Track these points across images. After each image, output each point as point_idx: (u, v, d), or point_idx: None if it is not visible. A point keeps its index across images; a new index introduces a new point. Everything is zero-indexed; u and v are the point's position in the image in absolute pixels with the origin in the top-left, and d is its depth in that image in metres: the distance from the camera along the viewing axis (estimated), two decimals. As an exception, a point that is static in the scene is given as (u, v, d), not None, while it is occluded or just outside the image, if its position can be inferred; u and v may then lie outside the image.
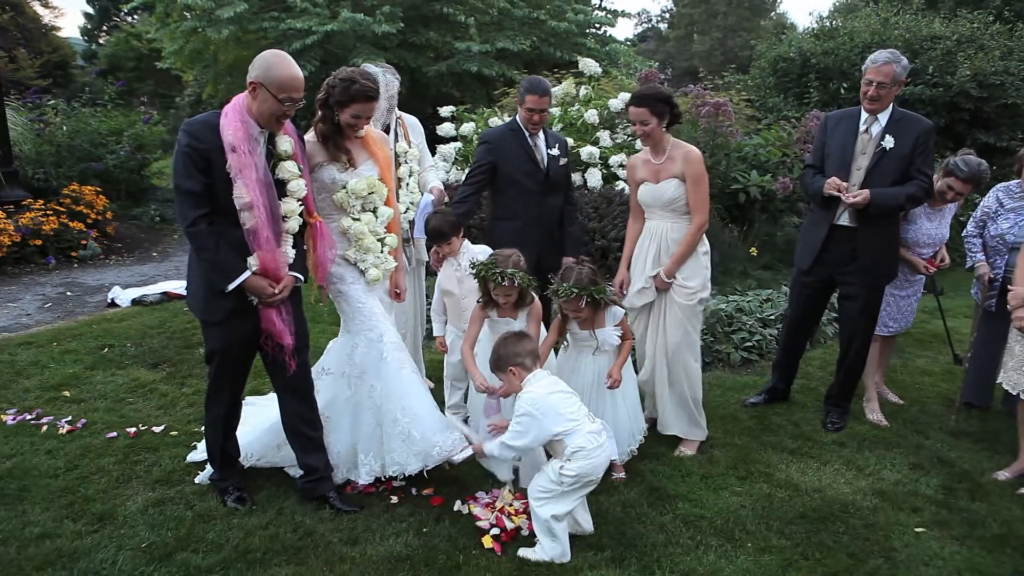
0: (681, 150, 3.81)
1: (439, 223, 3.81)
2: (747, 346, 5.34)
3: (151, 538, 2.96)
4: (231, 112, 2.94)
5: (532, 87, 4.07)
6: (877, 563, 2.95)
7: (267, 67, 2.92)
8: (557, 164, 4.23)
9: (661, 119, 3.72)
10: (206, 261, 2.97)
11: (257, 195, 2.91)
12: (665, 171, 3.80)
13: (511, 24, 12.68)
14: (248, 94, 2.97)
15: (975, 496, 3.50)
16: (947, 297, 6.06)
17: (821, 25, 11.75)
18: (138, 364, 4.98)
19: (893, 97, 3.88)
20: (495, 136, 4.27)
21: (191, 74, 15.70)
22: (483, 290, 3.46)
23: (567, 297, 3.33)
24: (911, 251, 4.29)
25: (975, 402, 4.46)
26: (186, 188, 2.90)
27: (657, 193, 3.83)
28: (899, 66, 3.80)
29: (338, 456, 3.41)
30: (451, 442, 3.27)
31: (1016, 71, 8.92)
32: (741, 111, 8.18)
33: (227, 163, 2.89)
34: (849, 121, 3.99)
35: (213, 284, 2.99)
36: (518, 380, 3.05)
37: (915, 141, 3.81)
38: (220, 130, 2.90)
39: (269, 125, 3.00)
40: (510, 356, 3.06)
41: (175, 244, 9.68)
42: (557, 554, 2.88)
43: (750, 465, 3.73)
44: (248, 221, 2.94)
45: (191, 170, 2.88)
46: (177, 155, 2.92)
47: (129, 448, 3.75)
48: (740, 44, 32.76)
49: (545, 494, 2.93)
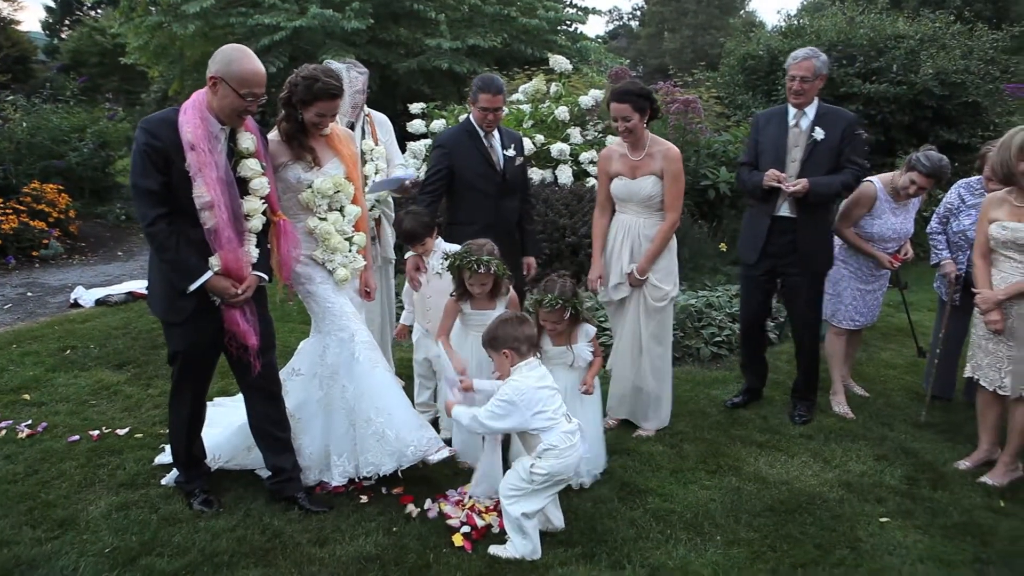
0: (661, 147, 3.83)
1: (412, 225, 3.75)
2: (717, 341, 5.39)
3: (114, 543, 2.90)
4: (190, 109, 2.89)
5: (485, 85, 3.94)
6: (843, 553, 3.00)
7: (228, 61, 2.87)
8: (513, 165, 4.13)
9: (643, 115, 3.75)
10: (167, 261, 2.92)
11: (218, 194, 2.86)
12: (644, 167, 3.83)
13: (482, 21, 12.64)
14: (208, 89, 2.92)
15: (937, 486, 3.56)
16: (911, 291, 6.16)
17: (789, 24, 11.88)
18: (102, 365, 4.88)
19: (817, 91, 4.01)
20: (450, 139, 4.12)
21: (157, 70, 15.41)
22: (457, 281, 3.43)
23: (551, 308, 3.30)
24: (876, 246, 4.35)
25: (939, 394, 4.55)
26: (144, 187, 2.85)
27: (634, 189, 3.85)
28: (818, 61, 3.94)
29: (310, 458, 3.37)
30: (426, 441, 3.25)
31: (976, 70, 9.10)
32: (711, 108, 8.26)
33: (186, 161, 2.83)
34: (779, 118, 4.11)
35: (174, 284, 2.94)
36: (509, 364, 3.00)
37: (843, 133, 3.97)
38: (179, 127, 2.84)
39: (230, 121, 2.95)
40: (508, 338, 2.99)
41: (140, 243, 9.51)
42: (528, 551, 2.88)
43: (719, 459, 3.77)
44: (209, 221, 2.89)
45: (149, 169, 2.83)
46: (135, 153, 2.87)
47: (92, 452, 3.67)
48: (710, 42, 33.07)
49: (516, 492, 2.92)
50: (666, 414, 4.10)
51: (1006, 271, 3.51)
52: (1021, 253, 3.45)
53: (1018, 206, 3.47)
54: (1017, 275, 3.46)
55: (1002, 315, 3.47)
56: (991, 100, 9.34)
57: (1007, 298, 3.46)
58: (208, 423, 3.79)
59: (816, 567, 2.90)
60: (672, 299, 3.99)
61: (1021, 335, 3.46)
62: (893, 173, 4.41)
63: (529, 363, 3.01)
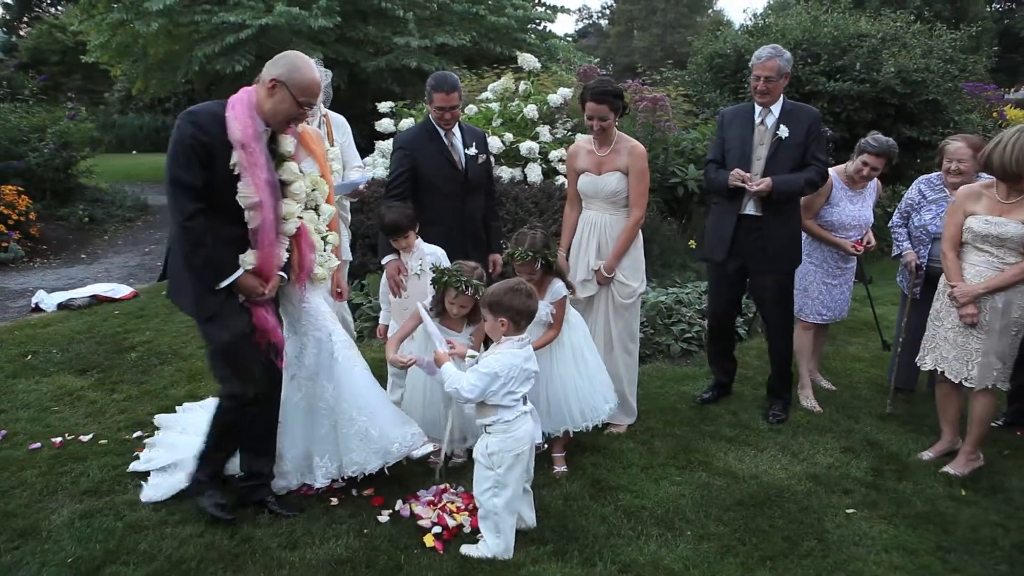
0: (626, 144, 3.86)
1: (397, 217, 3.70)
2: (687, 337, 5.43)
3: (78, 552, 2.84)
4: (239, 106, 2.83)
5: (438, 84, 3.84)
6: (811, 545, 3.04)
7: (292, 68, 2.85)
8: (476, 164, 4.05)
9: (618, 114, 3.83)
10: (200, 257, 2.85)
11: (266, 195, 2.83)
12: (609, 163, 3.85)
13: (450, 19, 12.62)
14: (263, 91, 2.87)
15: (902, 476, 3.64)
16: (875, 285, 6.28)
17: (755, 22, 12.03)
18: (64, 371, 4.78)
19: (782, 89, 4.06)
20: (410, 140, 4.04)
21: (120, 68, 15.14)
22: (438, 297, 3.36)
23: (523, 260, 3.34)
24: (837, 234, 4.43)
25: (902, 386, 4.64)
26: (186, 181, 2.77)
27: (599, 185, 3.87)
28: (782, 60, 3.98)
29: (291, 462, 3.31)
30: (410, 437, 3.24)
31: (936, 69, 9.29)
32: (679, 106, 8.32)
33: (231, 159, 2.77)
34: (745, 115, 4.16)
35: (203, 281, 2.88)
36: (501, 332, 2.95)
37: (807, 130, 4.01)
38: (227, 124, 2.78)
39: (278, 126, 2.92)
40: (511, 308, 2.91)
41: (105, 246, 9.35)
42: (500, 550, 2.87)
43: (689, 454, 3.80)
44: (254, 221, 2.84)
45: (193, 163, 2.76)
46: (177, 145, 2.78)
47: (54, 459, 3.59)
48: (679, 40, 33.37)
49: (487, 482, 2.90)
50: (634, 407, 4.14)
51: (979, 265, 3.57)
52: (999, 248, 3.51)
53: (1000, 201, 3.53)
54: (990, 269, 3.53)
55: (977, 308, 3.55)
56: (950, 98, 9.54)
57: (986, 292, 3.52)
58: (182, 430, 3.74)
59: (784, 559, 2.93)
60: (639, 295, 4.02)
61: (991, 328, 3.54)
62: (844, 164, 4.51)
63: (522, 339, 2.98)
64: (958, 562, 2.95)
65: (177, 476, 3.31)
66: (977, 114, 10.30)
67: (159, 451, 3.59)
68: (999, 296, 3.51)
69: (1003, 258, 3.51)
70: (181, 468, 3.33)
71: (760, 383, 4.69)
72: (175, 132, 2.80)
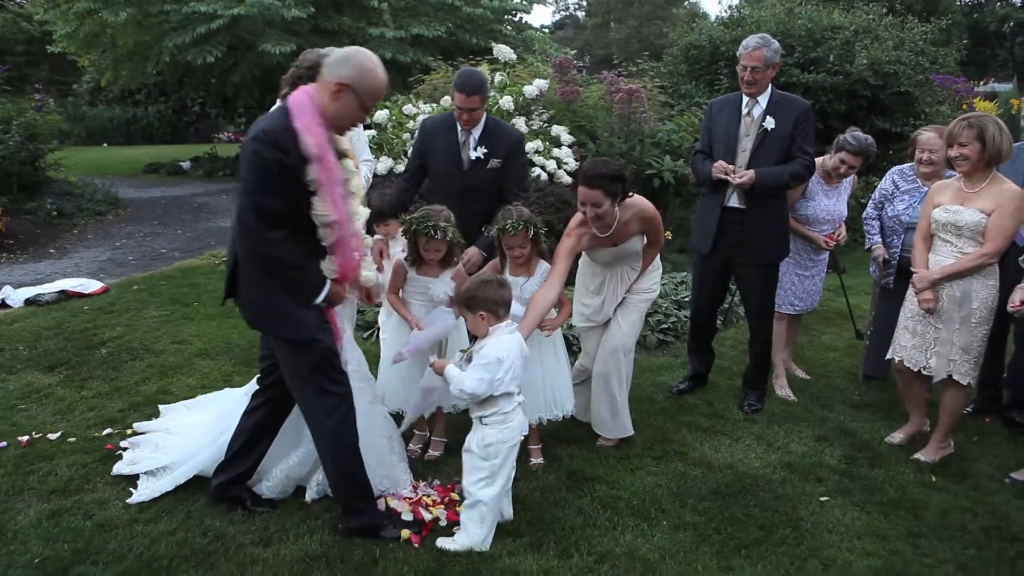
0: (631, 211, 3.56)
1: (378, 203, 3.66)
2: (663, 328, 5.46)
3: (45, 552, 2.78)
4: (304, 115, 2.61)
5: (458, 84, 3.76)
6: (785, 533, 3.07)
7: (362, 71, 2.64)
8: (483, 167, 3.88)
9: (615, 199, 3.42)
10: (298, 280, 2.73)
11: (343, 211, 2.69)
12: (625, 233, 3.61)
13: (426, 10, 12.52)
14: (325, 92, 2.65)
15: (874, 464, 3.68)
16: (849, 276, 6.34)
17: (731, 14, 12.10)
18: (32, 368, 4.68)
19: (769, 80, 4.03)
20: (429, 126, 4.04)
21: (88, 59, 14.83)
22: (411, 246, 3.40)
23: (515, 231, 3.31)
24: (811, 228, 4.47)
25: (874, 375, 4.70)
26: (273, 209, 2.58)
27: (623, 251, 3.69)
28: (769, 50, 3.94)
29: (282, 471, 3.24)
30: (386, 482, 3.18)
31: (907, 61, 9.41)
32: (655, 98, 8.32)
33: (307, 175, 2.60)
34: (732, 106, 4.13)
35: (301, 301, 2.76)
36: (486, 326, 2.97)
37: (795, 121, 3.97)
38: (299, 137, 2.58)
39: (339, 129, 2.75)
40: (486, 301, 2.95)
41: (74, 240, 9.16)
42: (478, 541, 2.87)
43: (665, 445, 3.82)
44: (330, 237, 2.71)
45: (278, 189, 2.57)
46: (258, 170, 2.58)
47: (21, 458, 3.51)
48: (655, 32, 33.45)
49: (479, 473, 2.93)
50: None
51: (942, 254, 3.62)
52: (958, 237, 3.56)
53: (964, 190, 3.58)
54: (951, 258, 3.58)
55: (935, 295, 3.59)
56: (922, 90, 9.68)
57: (942, 278, 3.57)
58: (168, 431, 3.67)
59: (759, 547, 2.96)
60: (649, 299, 3.90)
61: (948, 317, 3.59)
62: (823, 157, 4.54)
63: (510, 326, 3.01)
64: (928, 547, 3.00)
65: (166, 479, 3.23)
66: (947, 106, 10.45)
67: (144, 451, 3.50)
68: (957, 286, 3.55)
69: (962, 248, 3.55)
70: (171, 471, 3.27)
71: (736, 373, 4.72)
72: (254, 157, 2.58)
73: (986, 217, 3.47)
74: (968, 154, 3.48)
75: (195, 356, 4.93)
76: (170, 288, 6.68)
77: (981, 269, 3.52)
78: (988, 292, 3.55)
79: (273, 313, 2.78)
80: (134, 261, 8.05)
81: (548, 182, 6.48)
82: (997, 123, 3.49)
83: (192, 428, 3.61)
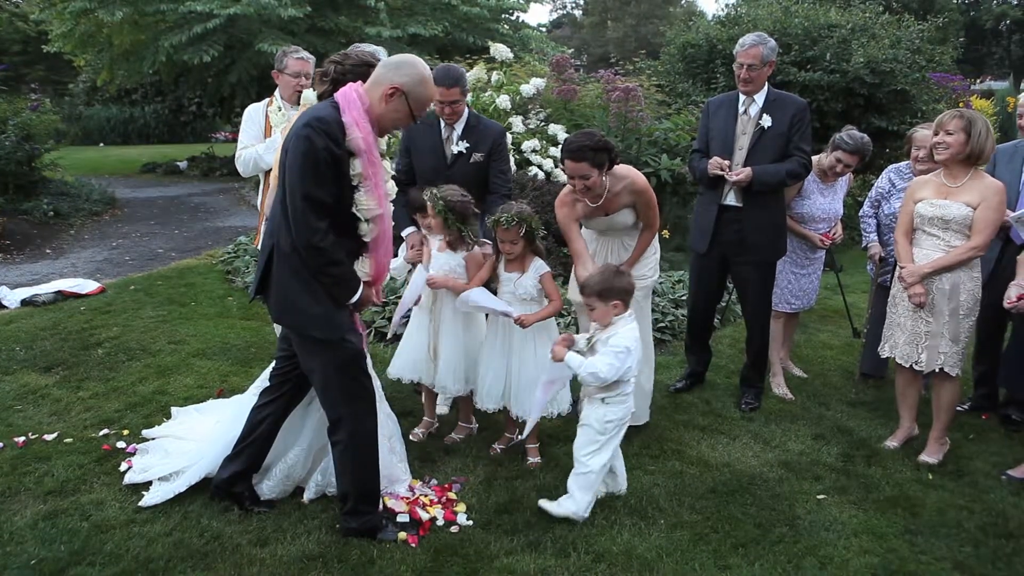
0: (623, 182, 3.59)
1: (416, 195, 3.69)
2: (660, 327, 5.46)
3: (41, 554, 2.77)
4: (354, 111, 2.63)
5: (437, 79, 3.61)
6: (782, 531, 3.07)
7: (418, 80, 2.68)
8: (466, 162, 3.89)
9: (602, 169, 3.45)
10: (335, 275, 2.71)
11: (387, 207, 2.75)
12: (615, 203, 3.63)
13: (423, 9, 12.52)
14: (376, 94, 2.68)
15: (871, 462, 3.69)
16: (846, 274, 6.37)
17: (727, 13, 12.08)
18: (28, 368, 4.67)
19: (766, 78, 4.03)
20: (412, 125, 4.06)
21: (84, 59, 14.80)
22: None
23: (508, 226, 3.35)
24: (807, 226, 4.47)
25: (871, 373, 4.70)
26: (319, 198, 2.59)
27: (612, 222, 3.71)
28: (766, 47, 3.94)
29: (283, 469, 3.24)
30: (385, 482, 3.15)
31: (904, 59, 9.41)
32: (651, 96, 8.33)
33: (353, 168, 2.63)
34: (729, 104, 4.13)
35: (337, 299, 2.75)
36: (613, 314, 3.12)
37: (791, 120, 3.97)
38: (346, 130, 2.61)
39: (382, 131, 2.78)
40: (621, 291, 3.12)
41: (71, 241, 9.14)
42: (583, 506, 3.07)
43: (663, 444, 3.82)
44: (371, 233, 2.73)
45: (327, 178, 2.58)
46: (306, 158, 2.58)
47: (17, 459, 3.51)
48: (652, 31, 33.44)
49: (592, 446, 3.13)
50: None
51: (927, 248, 3.63)
52: (944, 231, 3.57)
53: (946, 184, 3.59)
54: (938, 252, 3.58)
55: (925, 289, 3.60)
56: (918, 88, 9.67)
57: (932, 271, 3.57)
58: (178, 436, 3.65)
59: (756, 546, 2.96)
60: (648, 286, 3.89)
61: (939, 310, 3.60)
62: (818, 156, 4.54)
63: (631, 314, 3.19)
64: (925, 545, 3.00)
65: (180, 480, 3.22)
66: (944, 104, 10.44)
67: (154, 458, 3.47)
68: (946, 278, 3.57)
69: (949, 241, 3.56)
70: (182, 475, 3.25)
71: (733, 372, 4.73)
72: (303, 144, 2.58)
73: (972, 210, 3.48)
74: (951, 143, 3.50)
75: (192, 356, 4.93)
76: (167, 288, 6.67)
77: (969, 262, 3.54)
78: (974, 284, 3.58)
79: (304, 310, 2.75)
80: (131, 261, 8.03)
81: (545, 181, 6.49)
82: (987, 124, 3.52)
83: (202, 432, 3.59)
